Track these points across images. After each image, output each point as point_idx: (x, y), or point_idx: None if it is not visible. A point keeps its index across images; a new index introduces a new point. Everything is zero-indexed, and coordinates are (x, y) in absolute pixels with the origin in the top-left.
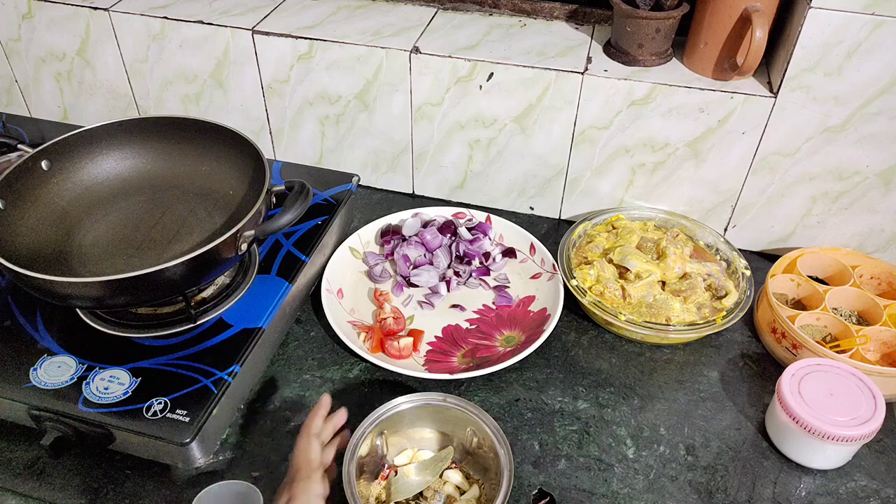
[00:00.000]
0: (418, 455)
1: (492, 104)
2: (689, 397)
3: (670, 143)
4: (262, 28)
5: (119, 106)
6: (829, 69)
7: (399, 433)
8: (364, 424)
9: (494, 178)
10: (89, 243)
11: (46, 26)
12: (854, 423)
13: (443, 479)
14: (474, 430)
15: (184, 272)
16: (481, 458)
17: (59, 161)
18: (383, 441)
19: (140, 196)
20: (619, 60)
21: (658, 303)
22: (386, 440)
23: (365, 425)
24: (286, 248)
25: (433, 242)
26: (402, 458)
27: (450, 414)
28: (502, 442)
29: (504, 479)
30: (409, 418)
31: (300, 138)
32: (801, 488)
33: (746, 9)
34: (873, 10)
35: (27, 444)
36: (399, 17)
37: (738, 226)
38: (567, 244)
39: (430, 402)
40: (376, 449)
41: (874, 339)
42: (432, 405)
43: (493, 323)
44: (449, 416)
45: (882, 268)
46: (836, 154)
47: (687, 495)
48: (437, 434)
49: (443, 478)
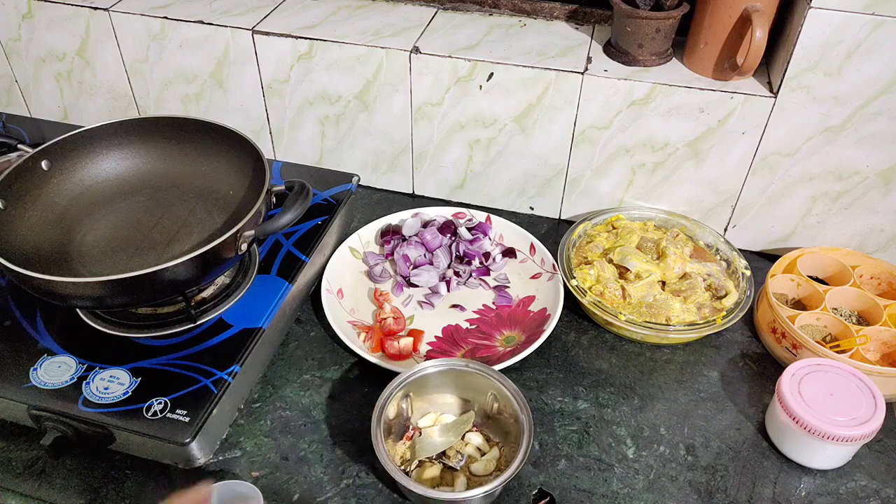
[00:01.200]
0: (441, 419)
1: (492, 104)
2: (689, 397)
3: (670, 143)
4: (262, 28)
5: (119, 106)
6: (829, 69)
7: (423, 397)
8: (391, 386)
9: (494, 178)
10: (89, 243)
11: (46, 26)
12: (854, 423)
13: (464, 441)
14: (496, 394)
15: (184, 272)
16: (502, 423)
17: (59, 161)
18: (409, 404)
19: (140, 196)
20: (619, 60)
21: (658, 303)
22: (411, 403)
23: (392, 387)
24: (286, 248)
25: (433, 242)
26: (426, 420)
27: (472, 379)
28: (523, 406)
29: (524, 439)
30: (434, 382)
31: (300, 138)
32: (801, 488)
33: (746, 9)
34: (873, 10)
35: (27, 444)
36: (399, 17)
37: (738, 226)
38: (567, 244)
39: (454, 366)
40: (402, 411)
41: (874, 339)
42: (456, 370)
43: (493, 323)
44: (471, 381)
45: (882, 268)
46: (836, 154)
47: (687, 495)
48: (458, 399)
49: (464, 440)
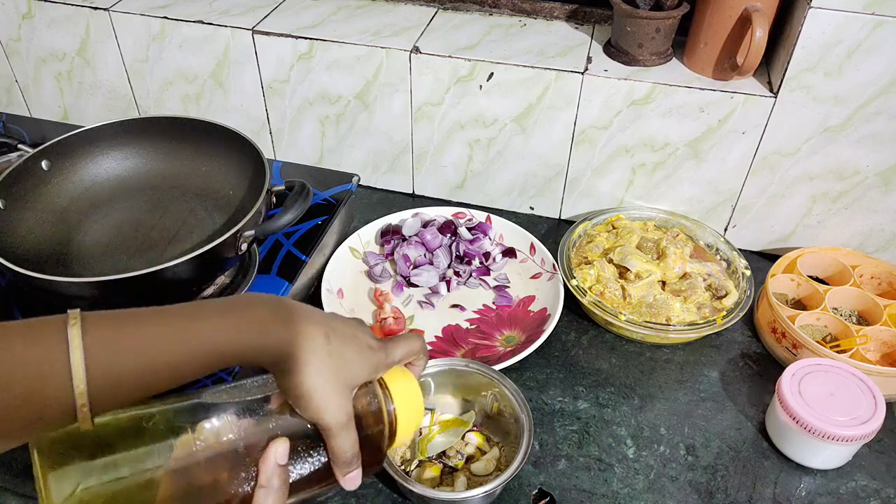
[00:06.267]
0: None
1: (492, 104)
2: (689, 397)
3: (670, 142)
4: (262, 28)
5: (119, 106)
6: (829, 69)
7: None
8: None
9: (494, 178)
10: (89, 243)
11: (46, 26)
12: (854, 423)
13: (464, 441)
14: (496, 394)
15: (184, 272)
16: (502, 423)
17: (59, 161)
18: None
19: (140, 196)
20: (619, 60)
21: (658, 303)
22: None
23: None
24: (286, 248)
25: (433, 242)
26: (426, 420)
27: (472, 379)
28: (523, 406)
29: (524, 439)
30: (434, 382)
31: (300, 138)
32: (802, 488)
33: (746, 9)
34: (873, 10)
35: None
36: (399, 17)
37: (738, 226)
38: (567, 244)
39: (454, 366)
40: None
41: (874, 339)
42: (456, 370)
43: (493, 323)
44: (471, 381)
45: (882, 268)
46: (836, 154)
47: (687, 495)
48: (458, 400)
49: (464, 439)
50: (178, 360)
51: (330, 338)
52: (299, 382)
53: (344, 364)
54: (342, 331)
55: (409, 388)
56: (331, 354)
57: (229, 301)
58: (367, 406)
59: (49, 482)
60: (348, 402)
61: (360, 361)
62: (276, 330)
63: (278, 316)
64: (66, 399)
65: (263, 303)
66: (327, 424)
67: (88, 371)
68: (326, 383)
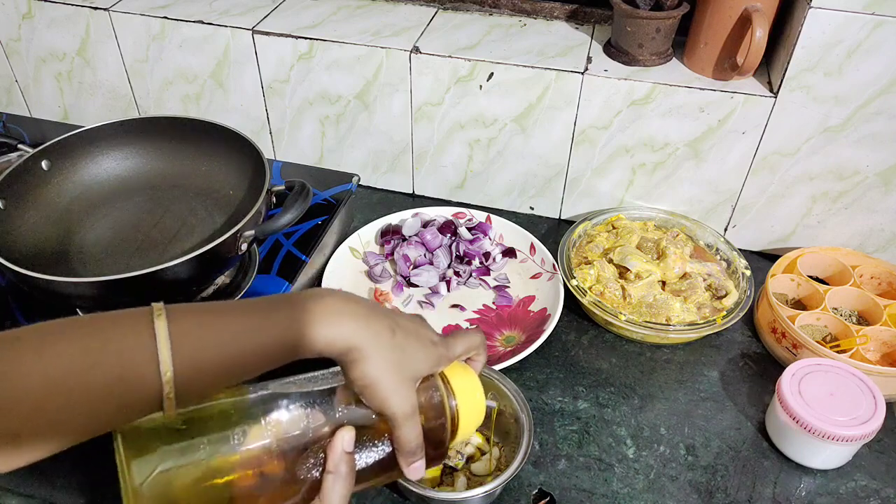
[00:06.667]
0: None
1: (492, 104)
2: (689, 397)
3: (670, 142)
4: (262, 28)
5: (119, 106)
6: (829, 69)
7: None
8: None
9: (494, 178)
10: (90, 243)
11: (46, 26)
12: (854, 423)
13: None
14: (496, 394)
15: (184, 272)
16: (502, 423)
17: (59, 161)
18: None
19: (140, 196)
20: (619, 60)
21: (658, 303)
22: None
23: None
24: (286, 248)
25: (433, 242)
26: None
27: None
28: (523, 406)
29: (524, 439)
30: None
31: (300, 138)
32: (801, 488)
33: (746, 9)
34: (873, 10)
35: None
36: (399, 17)
37: (738, 226)
38: (567, 244)
39: None
40: None
41: (874, 339)
42: None
43: (493, 323)
44: None
45: (882, 268)
46: (836, 154)
47: (687, 495)
48: None
49: None
50: (256, 350)
51: (395, 331)
52: (366, 373)
53: (408, 357)
54: (406, 325)
55: (470, 383)
56: (396, 347)
57: (301, 295)
58: (429, 399)
59: (132, 466)
60: (413, 393)
61: (423, 355)
62: (347, 322)
63: (348, 309)
64: (154, 387)
65: (333, 297)
66: (393, 414)
67: (174, 360)
68: (392, 374)
